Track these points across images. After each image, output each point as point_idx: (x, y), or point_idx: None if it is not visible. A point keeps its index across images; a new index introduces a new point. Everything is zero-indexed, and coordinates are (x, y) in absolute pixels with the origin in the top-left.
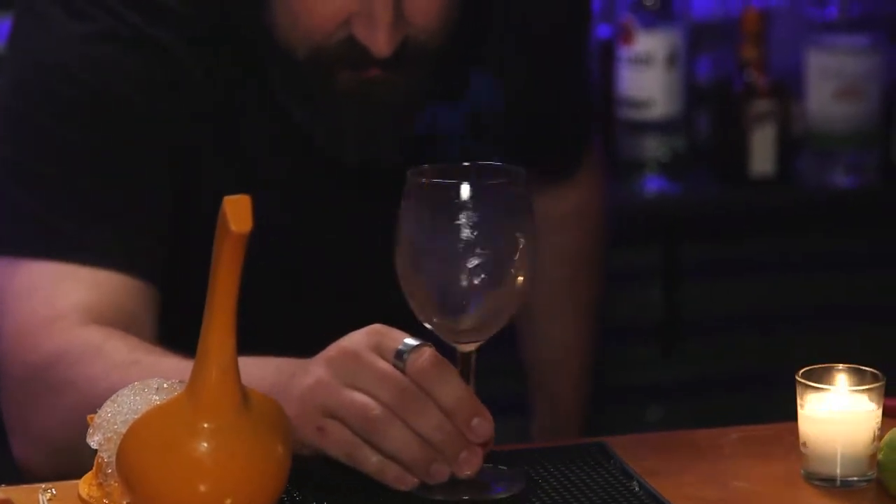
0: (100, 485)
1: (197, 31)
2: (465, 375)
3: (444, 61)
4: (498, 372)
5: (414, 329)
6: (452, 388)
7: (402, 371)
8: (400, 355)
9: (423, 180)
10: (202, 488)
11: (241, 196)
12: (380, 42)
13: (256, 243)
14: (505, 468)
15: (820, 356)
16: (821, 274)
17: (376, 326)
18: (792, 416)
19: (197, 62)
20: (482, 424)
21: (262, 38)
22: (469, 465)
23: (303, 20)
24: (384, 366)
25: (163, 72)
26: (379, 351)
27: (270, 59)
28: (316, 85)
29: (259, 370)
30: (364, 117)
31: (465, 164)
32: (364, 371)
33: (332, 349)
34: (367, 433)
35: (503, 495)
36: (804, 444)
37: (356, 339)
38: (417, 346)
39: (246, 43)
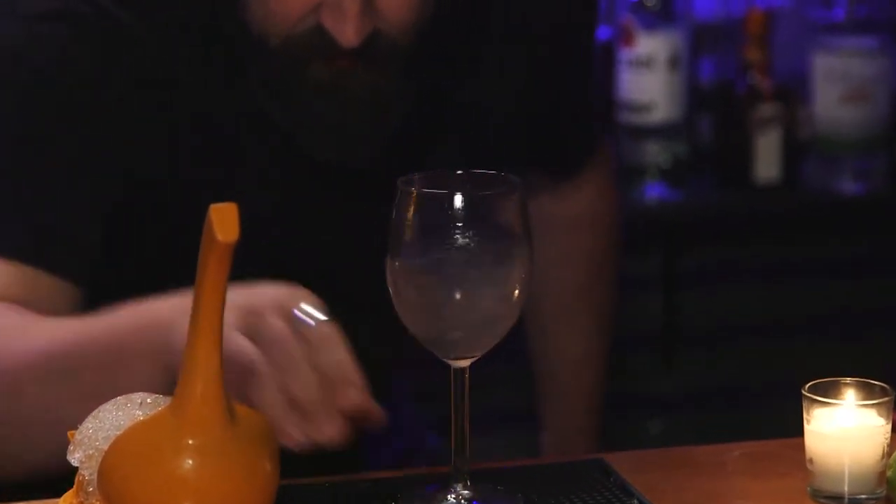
0: (81, 503)
1: (165, 18)
2: (458, 392)
3: (425, 60)
4: (505, 383)
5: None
6: (330, 353)
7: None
8: (297, 319)
9: (414, 189)
10: None
11: (227, 204)
12: (347, 32)
13: (242, 243)
14: (501, 488)
15: (826, 366)
16: (827, 282)
17: (284, 289)
18: (798, 427)
19: (169, 51)
20: (353, 391)
21: (239, 29)
22: (330, 430)
23: (273, 7)
24: (276, 323)
25: (124, 60)
26: (281, 311)
27: (243, 47)
28: (289, 76)
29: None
30: (337, 112)
31: (459, 172)
32: (260, 324)
33: (240, 297)
34: (242, 382)
35: None
36: (811, 460)
37: (263, 295)
38: (313, 316)
39: (224, 35)
